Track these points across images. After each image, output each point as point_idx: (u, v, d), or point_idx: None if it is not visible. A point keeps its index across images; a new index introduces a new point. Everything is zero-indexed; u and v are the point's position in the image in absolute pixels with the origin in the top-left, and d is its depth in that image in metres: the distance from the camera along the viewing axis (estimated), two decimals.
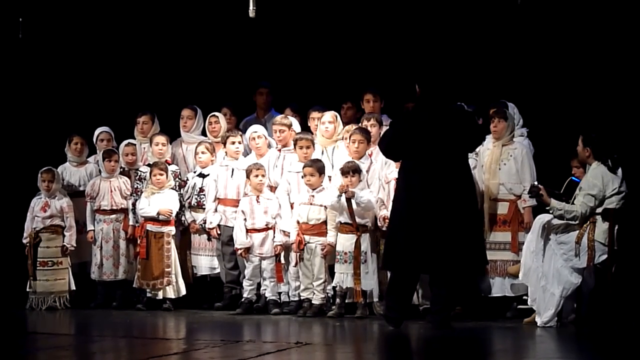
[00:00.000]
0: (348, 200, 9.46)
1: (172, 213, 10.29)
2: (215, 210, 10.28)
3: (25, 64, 11.72)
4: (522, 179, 9.56)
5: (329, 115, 10.11)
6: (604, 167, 8.86)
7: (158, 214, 10.26)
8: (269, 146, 10.38)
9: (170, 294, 10.26)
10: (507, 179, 9.60)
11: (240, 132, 10.47)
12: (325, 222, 9.72)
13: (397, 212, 8.78)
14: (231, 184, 10.26)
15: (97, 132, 10.90)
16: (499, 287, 9.55)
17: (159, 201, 10.30)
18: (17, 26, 10.87)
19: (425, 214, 8.58)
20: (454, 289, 8.82)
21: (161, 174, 10.33)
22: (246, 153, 10.45)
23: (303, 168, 9.79)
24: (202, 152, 10.45)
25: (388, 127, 9.31)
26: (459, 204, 8.64)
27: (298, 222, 9.79)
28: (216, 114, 10.69)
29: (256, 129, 10.38)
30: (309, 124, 10.47)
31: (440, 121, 8.70)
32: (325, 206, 9.71)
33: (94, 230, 10.52)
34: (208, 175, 10.38)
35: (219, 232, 10.28)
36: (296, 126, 10.35)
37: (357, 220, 9.52)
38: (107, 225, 10.51)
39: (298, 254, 9.74)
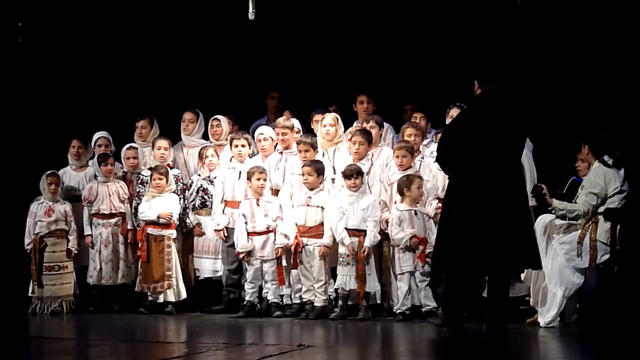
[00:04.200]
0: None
1: (172, 216, 10.29)
2: (223, 212, 10.27)
3: (25, 69, 11.71)
4: None
5: (330, 117, 10.08)
6: (605, 165, 8.85)
7: (158, 217, 10.25)
8: (276, 148, 10.35)
9: (171, 297, 10.26)
10: None
11: (245, 135, 10.38)
12: (323, 224, 9.72)
13: (461, 214, 8.41)
14: (238, 186, 10.22)
15: (95, 137, 10.87)
16: None
17: (159, 205, 10.30)
18: (17, 31, 10.86)
19: (494, 215, 8.32)
20: (508, 293, 8.62)
21: (161, 179, 10.32)
22: (254, 155, 10.42)
23: (302, 167, 9.79)
24: (212, 156, 10.42)
25: (441, 140, 8.86)
26: (521, 204, 8.46)
27: (296, 225, 9.79)
28: (218, 117, 10.66)
29: (262, 131, 10.36)
30: (312, 127, 10.45)
31: (503, 119, 8.46)
32: (322, 207, 9.71)
33: (91, 235, 10.51)
34: (215, 177, 10.36)
35: (226, 234, 10.26)
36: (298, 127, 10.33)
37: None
38: (106, 229, 10.50)
39: (296, 257, 9.74)
